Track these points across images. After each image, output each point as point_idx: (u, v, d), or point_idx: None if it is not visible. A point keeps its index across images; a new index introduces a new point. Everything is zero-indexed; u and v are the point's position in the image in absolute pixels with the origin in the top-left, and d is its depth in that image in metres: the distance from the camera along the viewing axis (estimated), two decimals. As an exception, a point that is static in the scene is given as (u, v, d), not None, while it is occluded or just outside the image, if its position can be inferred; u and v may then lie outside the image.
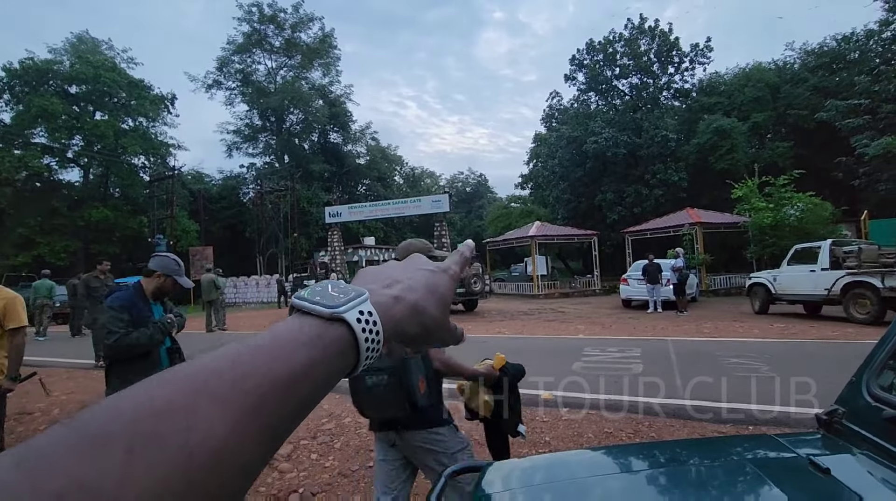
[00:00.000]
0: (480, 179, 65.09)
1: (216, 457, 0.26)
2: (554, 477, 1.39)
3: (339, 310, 0.36)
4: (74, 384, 6.20)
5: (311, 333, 0.35)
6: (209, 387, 0.28)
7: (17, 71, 28.43)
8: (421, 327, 0.43)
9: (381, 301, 0.40)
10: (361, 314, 0.37)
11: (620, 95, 31.27)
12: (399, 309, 0.41)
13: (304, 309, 0.36)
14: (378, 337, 0.38)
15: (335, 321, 0.36)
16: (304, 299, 0.37)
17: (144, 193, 30.13)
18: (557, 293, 20.49)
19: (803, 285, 10.20)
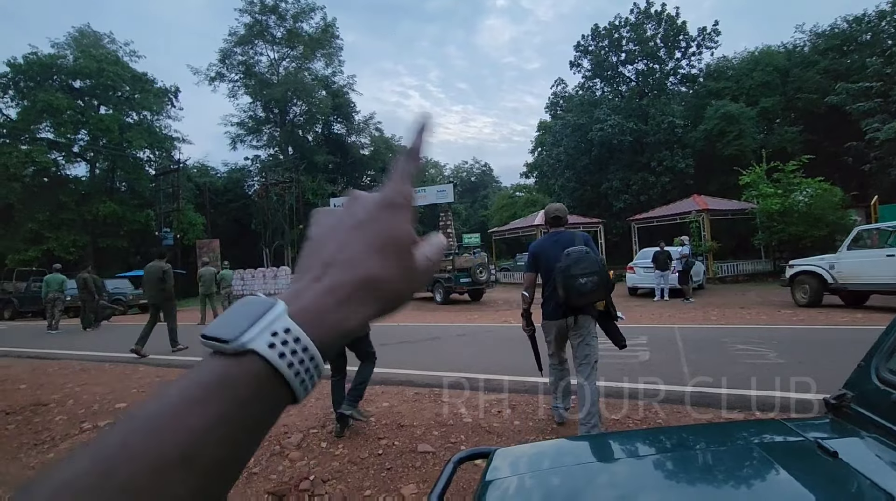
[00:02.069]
0: (485, 169, 64.81)
1: None
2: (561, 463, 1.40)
3: (241, 341, 0.28)
4: (87, 376, 6.29)
5: (210, 380, 0.27)
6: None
7: (22, 66, 28.50)
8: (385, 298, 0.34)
9: (307, 305, 0.31)
10: (275, 336, 0.29)
11: (626, 82, 30.89)
12: (336, 302, 0.32)
13: (209, 347, 0.29)
14: (307, 357, 0.30)
15: (242, 355, 0.28)
16: (209, 329, 0.29)
17: (150, 186, 30.26)
18: (563, 282, 20.44)
19: (879, 271, 8.61)
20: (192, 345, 7.99)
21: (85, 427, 4.28)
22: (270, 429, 0.29)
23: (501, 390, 4.64)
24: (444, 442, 3.59)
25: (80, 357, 7.77)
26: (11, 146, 27.57)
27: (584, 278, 3.27)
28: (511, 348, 6.81)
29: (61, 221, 27.92)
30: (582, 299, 3.34)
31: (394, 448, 3.52)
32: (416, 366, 5.66)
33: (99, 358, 7.60)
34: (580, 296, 3.31)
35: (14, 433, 4.35)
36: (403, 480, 3.10)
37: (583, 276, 3.28)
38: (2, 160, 26.15)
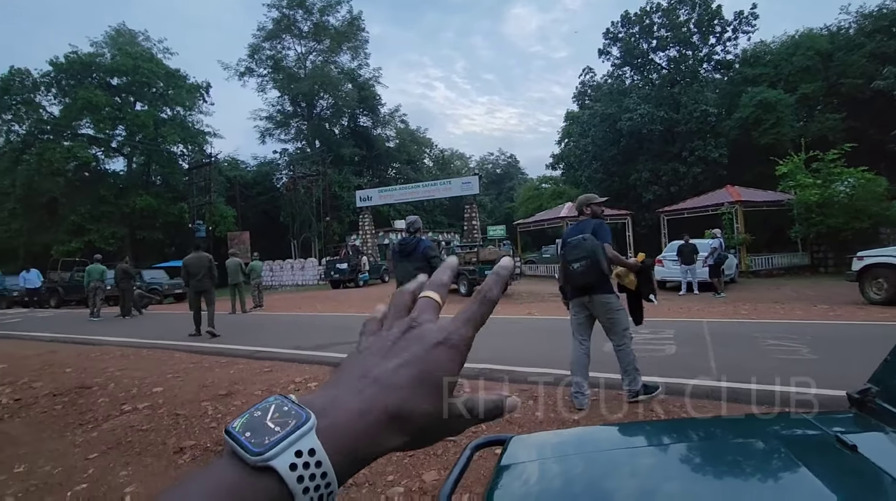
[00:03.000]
0: (511, 160, 64.27)
1: None
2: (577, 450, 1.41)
3: (265, 456, 0.27)
4: (127, 362, 6.60)
5: (221, 495, 0.26)
6: None
7: (63, 65, 29.73)
8: (414, 434, 0.33)
9: (336, 424, 0.30)
10: (299, 456, 0.27)
11: (657, 69, 30.01)
12: (367, 427, 0.30)
13: (230, 447, 0.28)
14: (324, 483, 0.28)
15: (261, 470, 0.27)
16: (235, 429, 0.29)
17: (184, 180, 31.25)
18: (589, 275, 20.18)
19: None
20: (222, 333, 8.32)
21: (125, 409, 4.51)
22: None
23: (524, 381, 4.65)
24: (469, 430, 3.63)
25: (119, 344, 8.16)
26: (55, 142, 28.88)
27: (576, 263, 3.73)
28: (535, 339, 6.80)
29: (101, 213, 29.16)
30: (576, 282, 3.83)
31: (416, 435, 3.58)
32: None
33: (137, 344, 7.96)
34: (573, 279, 3.82)
35: (61, 413, 4.62)
36: (425, 466, 3.16)
37: (575, 261, 3.74)
38: (46, 156, 27.43)
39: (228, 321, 10.65)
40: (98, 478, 3.22)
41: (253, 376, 5.37)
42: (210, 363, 6.18)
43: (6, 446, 3.92)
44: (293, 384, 4.92)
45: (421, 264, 4.88)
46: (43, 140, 29.14)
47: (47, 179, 28.41)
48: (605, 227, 3.96)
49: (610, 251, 3.77)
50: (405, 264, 4.87)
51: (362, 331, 0.39)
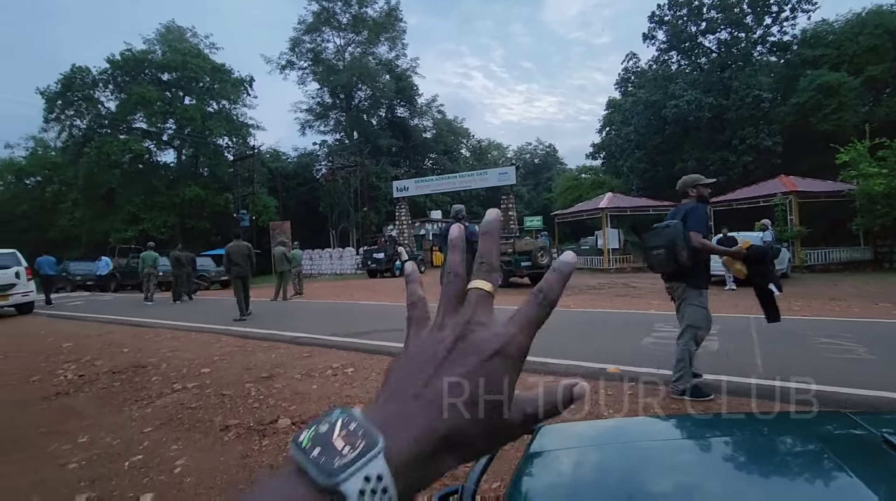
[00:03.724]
0: (549, 150, 63.13)
1: None
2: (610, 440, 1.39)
3: (337, 480, 0.26)
4: (177, 343, 6.98)
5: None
6: None
7: (119, 62, 31.34)
8: (468, 451, 0.32)
9: (402, 450, 0.29)
10: (367, 482, 0.27)
11: (706, 53, 28.61)
12: (426, 453, 0.30)
13: (299, 465, 0.28)
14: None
15: (330, 493, 0.26)
16: (303, 447, 0.28)
17: (229, 171, 32.46)
18: (630, 268, 19.67)
19: None
20: (259, 316, 8.64)
21: (176, 388, 4.78)
22: None
23: (558, 373, 4.61)
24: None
25: (171, 326, 8.62)
26: (112, 136, 30.61)
27: (655, 250, 3.71)
28: (572, 332, 6.70)
29: (154, 203, 30.74)
30: (657, 269, 3.84)
31: (449, 423, 3.62)
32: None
33: (186, 328, 8.39)
34: (654, 266, 3.83)
35: (119, 389, 4.94)
36: (457, 454, 3.18)
37: (654, 248, 3.72)
38: (105, 149, 29.11)
39: (270, 308, 11.05)
40: (152, 451, 3.44)
41: (293, 360, 5.56)
42: (253, 347, 6.45)
43: (71, 418, 4.24)
44: (331, 369, 5.06)
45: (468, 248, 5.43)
46: (101, 134, 30.91)
47: (105, 170, 30.17)
48: (700, 212, 3.78)
49: (697, 240, 3.58)
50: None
51: (409, 319, 0.37)
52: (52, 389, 5.15)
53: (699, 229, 3.65)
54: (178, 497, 2.81)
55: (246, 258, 9.39)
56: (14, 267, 11.46)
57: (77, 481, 3.06)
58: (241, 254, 9.36)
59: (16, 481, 3.12)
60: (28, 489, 3.02)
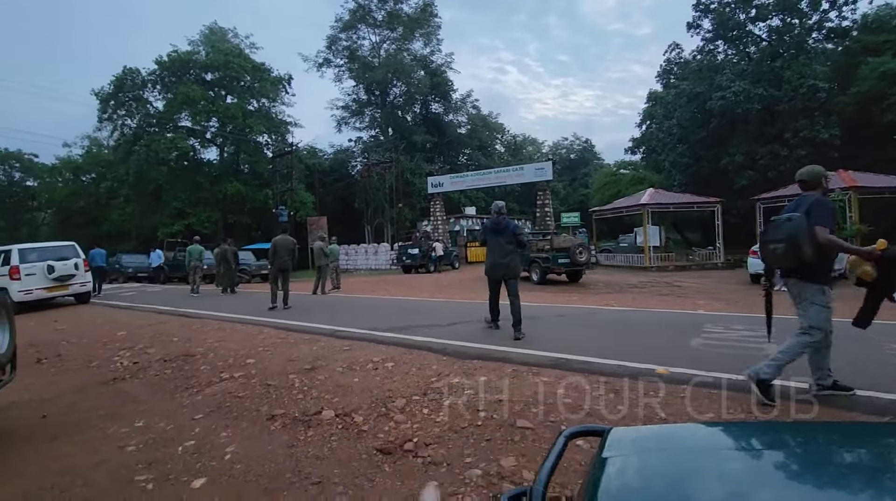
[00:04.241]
0: (586, 145, 61.76)
1: None
2: (691, 447, 1.30)
3: None
4: (223, 334, 7.19)
5: None
6: None
7: (166, 63, 32.66)
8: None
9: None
10: None
11: (756, 42, 27.24)
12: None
13: None
14: None
15: None
16: None
17: (268, 168, 33.34)
18: (672, 266, 19.02)
19: None
20: (299, 309, 8.80)
21: (223, 377, 4.91)
22: None
23: (603, 373, 4.46)
24: (544, 420, 3.55)
25: (217, 318, 8.91)
26: (160, 134, 31.96)
27: (772, 244, 3.53)
28: (615, 331, 6.51)
29: (198, 199, 31.93)
30: (773, 264, 3.69)
31: (492, 420, 3.55)
32: (515, 344, 5.64)
33: (231, 319, 8.65)
34: (769, 261, 3.69)
35: (170, 377, 5.13)
36: (503, 452, 3.12)
37: (773, 242, 3.53)
38: (153, 147, 30.44)
39: (310, 301, 11.26)
40: (203, 437, 3.53)
41: (334, 353, 5.62)
42: (295, 339, 6.57)
43: (128, 402, 4.43)
44: (371, 363, 5.08)
45: (510, 240, 6.05)
46: (150, 133, 32.33)
47: (154, 168, 31.57)
48: (827, 205, 3.51)
49: (822, 236, 3.33)
50: (497, 239, 6.06)
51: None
52: (109, 374, 5.40)
53: (827, 223, 3.40)
54: (229, 484, 2.87)
55: (290, 252, 10.04)
56: (73, 259, 12.13)
57: (135, 463, 3.18)
58: (286, 248, 9.96)
59: (79, 460, 3.27)
60: (91, 468, 3.15)
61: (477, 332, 6.47)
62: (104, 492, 2.83)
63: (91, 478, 3.01)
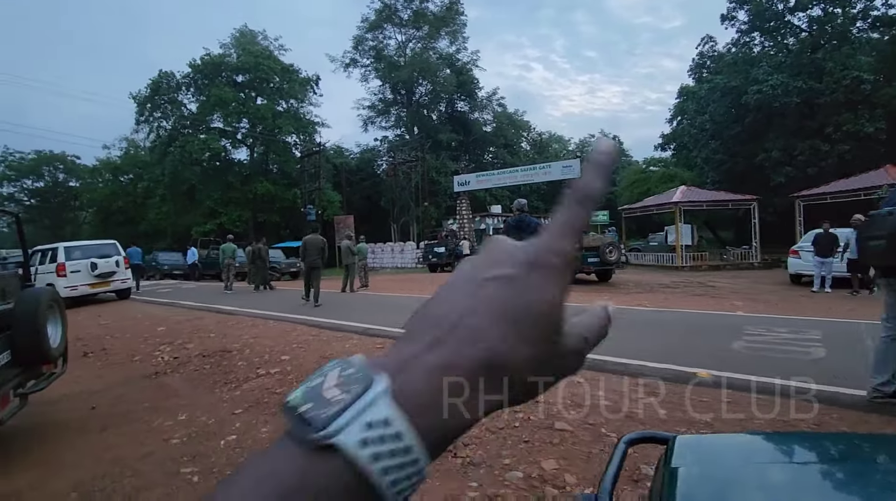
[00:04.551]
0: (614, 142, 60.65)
1: None
2: (756, 457, 1.24)
3: (328, 432, 0.21)
4: (257, 330, 7.34)
5: (278, 486, 0.21)
6: None
7: (200, 66, 33.57)
8: (514, 386, 0.26)
9: (413, 386, 0.24)
10: (370, 428, 0.22)
11: (795, 33, 26.18)
12: (451, 386, 0.24)
13: (288, 426, 0.23)
14: (409, 460, 0.22)
15: (326, 450, 0.22)
16: (292, 406, 0.23)
17: (296, 168, 33.89)
18: (705, 266, 18.47)
19: None
20: (329, 307, 8.93)
21: (260, 373, 5.00)
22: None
23: (641, 375, 4.35)
24: (582, 423, 3.48)
25: (250, 314, 9.10)
26: (193, 136, 32.87)
27: (873, 240, 3.38)
28: (650, 332, 6.35)
29: (230, 198, 32.72)
30: (870, 261, 3.68)
31: (530, 421, 3.51)
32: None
33: (264, 316, 8.81)
34: (868, 258, 3.65)
35: (209, 372, 5.26)
36: (542, 454, 3.07)
37: (873, 238, 3.38)
38: (187, 148, 31.35)
39: (339, 299, 11.39)
40: (244, 432, 3.60)
41: (366, 351, 5.64)
42: (327, 336, 6.64)
43: (171, 396, 4.56)
44: (404, 360, 5.09)
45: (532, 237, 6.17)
46: (184, 134, 33.29)
47: (188, 168, 32.51)
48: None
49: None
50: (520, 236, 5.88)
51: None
52: (151, 368, 5.57)
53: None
54: (272, 479, 2.91)
55: (320, 251, 10.39)
56: (114, 256, 12.60)
57: (180, 455, 3.26)
58: (315, 246, 10.33)
59: (128, 451, 3.38)
60: (139, 459, 3.25)
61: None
62: (153, 483, 2.91)
63: (139, 469, 3.10)
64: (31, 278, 4.21)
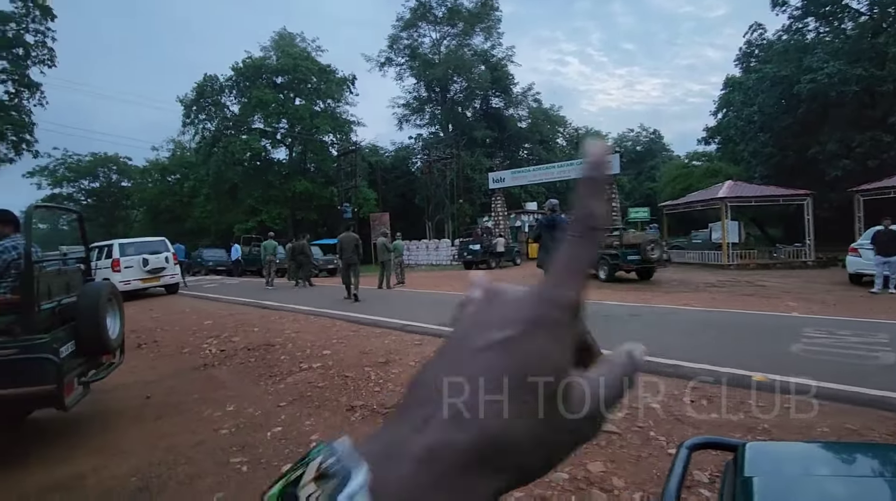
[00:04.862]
0: (654, 137, 58.69)
1: None
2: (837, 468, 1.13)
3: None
4: (299, 325, 7.50)
5: None
6: None
7: (241, 69, 34.67)
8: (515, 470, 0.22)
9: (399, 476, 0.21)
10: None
11: (853, 17, 24.57)
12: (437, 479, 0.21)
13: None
14: None
15: None
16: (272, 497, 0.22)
17: (333, 166, 34.50)
18: (753, 264, 17.61)
19: None
20: (367, 303, 9.02)
21: (302, 367, 5.10)
22: None
23: (692, 377, 4.17)
24: (630, 425, 3.37)
25: (292, 310, 9.32)
26: (235, 137, 33.99)
27: None
28: (699, 333, 6.10)
29: (270, 197, 33.66)
30: None
31: (575, 423, 3.42)
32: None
33: (305, 312, 9.00)
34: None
35: (254, 365, 5.40)
36: (589, 457, 2.99)
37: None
38: (230, 148, 32.45)
39: (376, 295, 11.51)
40: (289, 424, 3.67)
41: (406, 347, 5.67)
42: (367, 332, 6.71)
43: (218, 388, 4.71)
44: (444, 357, 5.07)
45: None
46: (227, 135, 34.46)
47: (230, 168, 33.66)
48: None
49: None
50: (552, 234, 6.46)
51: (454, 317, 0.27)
52: (199, 361, 5.78)
53: None
54: (317, 472, 2.95)
55: (354, 247, 10.69)
56: (164, 253, 13.18)
57: (230, 445, 3.35)
58: (350, 243, 10.65)
59: (181, 440, 3.50)
60: (191, 448, 3.36)
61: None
62: (205, 471, 3.00)
63: (192, 458, 3.21)
64: (92, 273, 4.43)
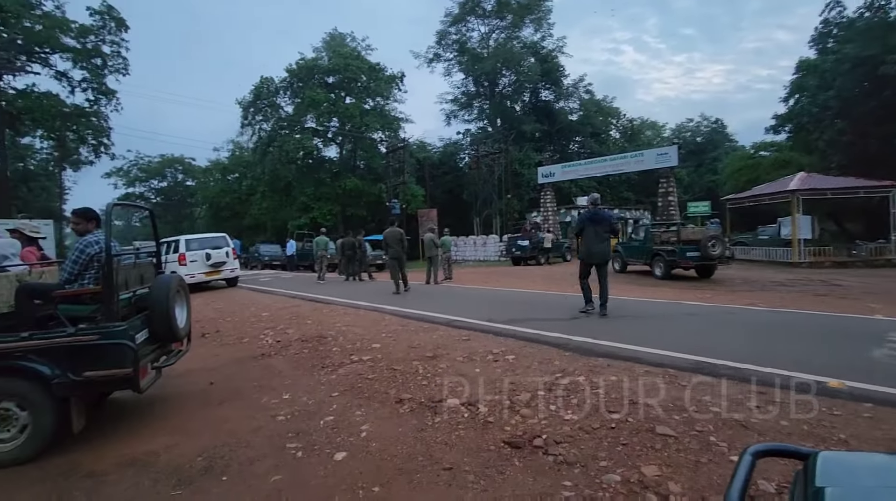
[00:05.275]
0: (716, 126, 55.39)
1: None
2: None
3: None
4: (349, 319, 7.71)
5: None
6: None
7: (295, 70, 35.97)
8: None
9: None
10: None
11: (948, -12, 22.08)
12: None
13: None
14: None
15: None
16: None
17: (381, 163, 35.16)
18: (829, 262, 16.30)
19: None
20: (414, 298, 9.12)
21: (353, 359, 5.23)
22: None
23: (757, 381, 3.91)
24: (688, 429, 3.20)
25: (342, 304, 9.59)
26: (289, 136, 35.36)
27: None
28: (766, 334, 5.73)
29: (321, 194, 34.79)
30: None
31: (627, 424, 3.30)
32: (646, 343, 5.21)
33: (354, 306, 9.23)
34: None
35: (308, 356, 5.60)
36: (643, 459, 2.88)
37: None
38: (284, 147, 33.81)
39: (423, 291, 11.63)
40: (341, 414, 3.78)
41: (453, 342, 5.69)
42: (415, 327, 6.79)
43: (275, 376, 4.92)
44: (491, 354, 5.04)
45: (607, 229, 6.90)
46: (282, 135, 35.92)
47: (284, 166, 35.08)
48: None
49: None
50: (594, 228, 6.85)
51: None
52: (258, 350, 6.07)
53: None
54: (368, 460, 3.02)
55: (399, 243, 10.93)
56: (224, 247, 13.94)
57: (286, 431, 3.50)
58: (395, 239, 10.89)
59: (241, 425, 3.69)
60: (250, 432, 3.54)
61: (601, 328, 6.10)
62: (263, 455, 3.15)
63: (251, 442, 3.38)
64: (162, 267, 4.76)
